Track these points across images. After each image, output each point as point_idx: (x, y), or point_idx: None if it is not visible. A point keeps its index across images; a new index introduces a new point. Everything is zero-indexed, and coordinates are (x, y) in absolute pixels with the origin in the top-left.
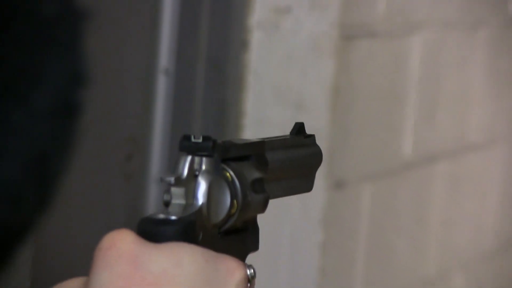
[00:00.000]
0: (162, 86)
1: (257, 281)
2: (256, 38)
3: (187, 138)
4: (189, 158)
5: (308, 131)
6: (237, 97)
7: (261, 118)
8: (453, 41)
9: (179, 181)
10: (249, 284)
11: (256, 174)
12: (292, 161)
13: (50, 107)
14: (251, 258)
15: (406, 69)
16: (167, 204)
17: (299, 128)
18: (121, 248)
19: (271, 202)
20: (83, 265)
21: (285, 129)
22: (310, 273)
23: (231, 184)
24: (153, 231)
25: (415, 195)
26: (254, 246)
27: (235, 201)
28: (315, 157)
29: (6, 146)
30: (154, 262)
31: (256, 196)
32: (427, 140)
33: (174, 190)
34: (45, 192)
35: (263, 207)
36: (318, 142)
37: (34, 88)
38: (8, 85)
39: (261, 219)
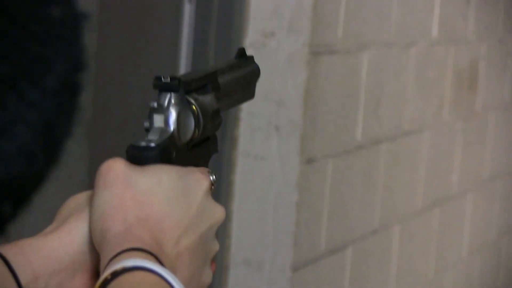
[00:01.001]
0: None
1: (248, 230)
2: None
3: (158, 78)
4: (162, 94)
5: (286, 122)
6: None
7: (253, 112)
8: (392, 57)
9: (159, 109)
10: (212, 187)
11: (214, 105)
12: (238, 79)
13: (58, 86)
14: (244, 212)
15: (358, 77)
16: (147, 129)
17: (241, 52)
18: (116, 172)
19: (262, 171)
20: None
21: (270, 120)
22: (288, 225)
23: (196, 116)
24: (138, 156)
25: (365, 168)
26: (215, 150)
27: (197, 129)
28: (255, 73)
29: (23, 115)
30: (141, 183)
31: (213, 123)
32: (373, 128)
33: (155, 116)
34: (53, 153)
35: (217, 128)
36: (293, 130)
37: (46, 71)
38: (25, 69)
39: (252, 185)
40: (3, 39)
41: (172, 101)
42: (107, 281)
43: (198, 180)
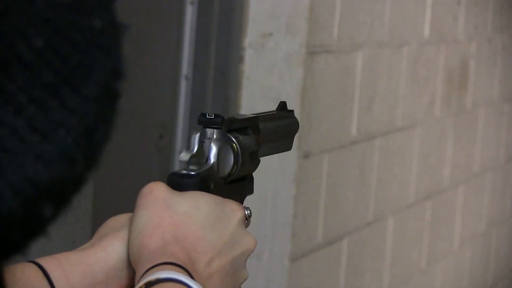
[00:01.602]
0: (183, 88)
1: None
2: (249, 54)
3: (203, 115)
4: (205, 129)
5: None
6: (235, 95)
7: (252, 110)
8: (385, 56)
9: (201, 142)
10: (246, 221)
11: (254, 147)
12: (277, 129)
13: (97, 93)
14: (246, 205)
15: (352, 75)
16: (188, 162)
17: (283, 105)
18: (156, 194)
19: (261, 166)
20: (129, 210)
21: None
22: (286, 217)
23: (235, 153)
24: (178, 182)
25: (359, 162)
26: (250, 191)
27: (236, 166)
28: (294, 126)
29: (64, 120)
30: (179, 205)
31: (251, 162)
32: (367, 124)
33: (197, 149)
34: (92, 156)
35: (254, 169)
36: None
37: (86, 79)
38: (67, 76)
39: (254, 178)
40: (47, 48)
41: (215, 136)
42: None
43: (234, 210)
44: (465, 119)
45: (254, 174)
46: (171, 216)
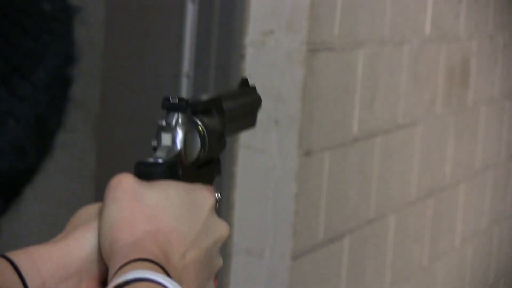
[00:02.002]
0: (184, 86)
1: (249, 220)
2: (250, 52)
3: (166, 99)
4: (169, 114)
5: (285, 116)
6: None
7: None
8: (386, 54)
9: (167, 127)
10: (217, 204)
11: (219, 129)
12: (241, 107)
13: (48, 80)
14: (245, 202)
15: (353, 73)
16: (154, 148)
17: (244, 82)
18: (124, 187)
19: (262, 164)
20: None
21: (269, 114)
22: (287, 215)
23: (202, 136)
24: (145, 171)
25: (360, 160)
26: (218, 172)
27: (203, 149)
28: (256, 102)
29: (14, 109)
30: (150, 198)
31: (217, 144)
32: (368, 122)
33: (163, 135)
34: (44, 146)
35: (221, 151)
36: (291, 124)
37: (37, 66)
38: (17, 63)
39: (253, 177)
40: None
41: (180, 121)
42: None
43: (205, 196)
44: (466, 116)
45: (254, 171)
46: (141, 209)
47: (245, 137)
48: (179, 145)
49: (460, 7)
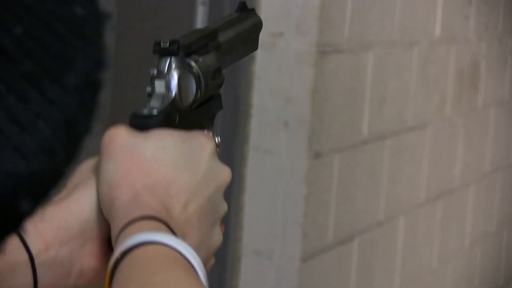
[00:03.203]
0: None
1: (258, 222)
2: (260, 54)
3: (157, 43)
4: (162, 59)
5: (294, 118)
6: (247, 94)
7: (263, 109)
8: (396, 55)
9: (159, 74)
10: (218, 149)
11: (215, 64)
12: (240, 34)
13: (78, 84)
14: (255, 204)
15: (363, 75)
16: (149, 95)
17: (242, 5)
18: (119, 141)
19: (271, 166)
20: None
21: (279, 116)
22: (297, 217)
23: (196, 78)
24: (141, 124)
25: (370, 162)
26: (219, 107)
27: (199, 91)
28: (257, 26)
29: (44, 111)
30: (145, 150)
31: (214, 82)
32: (378, 124)
33: (156, 82)
34: (72, 149)
35: (219, 87)
36: (301, 126)
37: (67, 69)
38: (48, 66)
39: (262, 178)
40: (27, 37)
41: (173, 65)
42: (118, 262)
43: (202, 143)
44: (476, 118)
45: (264, 173)
46: (138, 163)
47: (254, 139)
48: (174, 91)
49: (470, 9)
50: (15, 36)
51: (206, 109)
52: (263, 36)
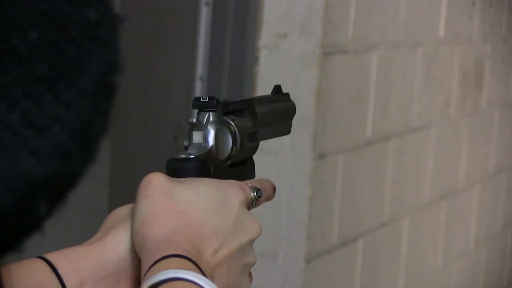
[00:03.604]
0: (198, 89)
1: (263, 223)
2: (263, 55)
3: (197, 99)
4: (201, 113)
5: (299, 119)
6: (250, 96)
7: None
8: (400, 56)
9: (198, 125)
10: (255, 203)
11: (252, 128)
12: (274, 111)
13: (93, 87)
14: (261, 206)
15: (367, 76)
16: (186, 148)
17: (277, 88)
18: (156, 184)
19: (276, 167)
20: None
21: None
22: (301, 218)
23: (233, 134)
24: (177, 167)
25: (374, 163)
26: (252, 174)
27: (235, 148)
28: (291, 109)
29: (60, 115)
30: (180, 193)
31: (250, 144)
32: (382, 124)
33: (194, 133)
34: (88, 151)
35: (254, 151)
36: (305, 126)
37: (82, 72)
38: (62, 70)
39: (268, 178)
40: (42, 41)
41: (211, 119)
42: None
43: (236, 192)
44: (480, 119)
45: (268, 174)
46: (172, 204)
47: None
48: (210, 142)
49: (474, 9)
50: (30, 41)
51: (239, 172)
52: (267, 37)
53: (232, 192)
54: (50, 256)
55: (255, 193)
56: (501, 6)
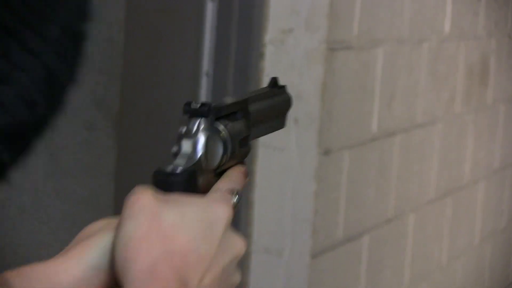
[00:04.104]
0: (204, 84)
1: (268, 219)
2: (269, 51)
3: (188, 104)
4: (191, 120)
5: (304, 115)
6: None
7: None
8: (405, 52)
9: (187, 133)
10: (234, 209)
11: (243, 133)
12: (269, 108)
13: (60, 35)
14: (264, 201)
15: (372, 71)
16: (175, 154)
17: (274, 81)
18: (143, 203)
19: (281, 163)
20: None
21: (289, 113)
22: (306, 214)
23: (224, 142)
24: (164, 181)
25: (379, 159)
26: None
27: (225, 156)
28: (286, 102)
29: (23, 62)
30: (166, 215)
31: (241, 150)
32: (387, 120)
33: (183, 141)
34: (55, 99)
35: (245, 156)
36: (311, 122)
37: (48, 20)
38: (27, 17)
39: (272, 175)
40: None
41: (201, 126)
42: None
43: (222, 212)
44: (485, 115)
45: (273, 169)
46: (158, 227)
47: (264, 136)
48: (200, 152)
49: (479, 5)
50: None
51: None
52: (273, 33)
53: (220, 211)
54: (10, 276)
55: (235, 200)
56: (507, 2)
